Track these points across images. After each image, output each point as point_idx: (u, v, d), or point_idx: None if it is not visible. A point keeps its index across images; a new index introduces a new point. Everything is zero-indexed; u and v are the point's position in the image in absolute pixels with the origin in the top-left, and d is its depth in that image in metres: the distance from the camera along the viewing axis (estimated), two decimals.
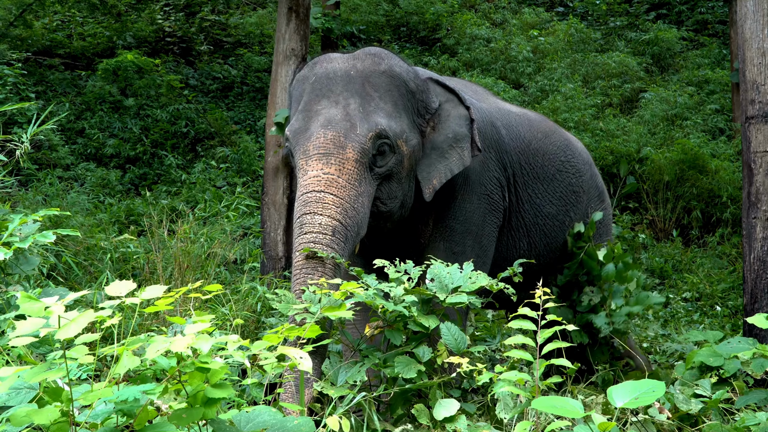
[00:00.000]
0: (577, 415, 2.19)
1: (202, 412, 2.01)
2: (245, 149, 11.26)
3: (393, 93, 3.71)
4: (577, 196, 4.80)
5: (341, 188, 3.40)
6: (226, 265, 7.23)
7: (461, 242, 4.04)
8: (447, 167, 3.87)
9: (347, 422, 2.56)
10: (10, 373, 1.93)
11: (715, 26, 16.98)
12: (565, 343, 2.73)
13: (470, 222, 4.06)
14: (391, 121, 3.62)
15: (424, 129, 3.89)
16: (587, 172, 4.98)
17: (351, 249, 3.45)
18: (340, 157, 3.44)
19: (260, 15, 16.41)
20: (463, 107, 3.96)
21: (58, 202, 8.48)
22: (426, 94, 3.90)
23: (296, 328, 2.49)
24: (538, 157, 4.58)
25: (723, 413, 3.48)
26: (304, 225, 3.34)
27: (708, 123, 12.79)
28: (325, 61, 3.79)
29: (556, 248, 4.69)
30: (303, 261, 3.27)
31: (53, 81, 12.10)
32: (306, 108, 3.64)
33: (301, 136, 3.55)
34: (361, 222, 3.46)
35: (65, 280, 5.73)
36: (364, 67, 3.71)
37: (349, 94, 3.62)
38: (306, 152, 3.49)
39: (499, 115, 4.48)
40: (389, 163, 3.62)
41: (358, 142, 3.48)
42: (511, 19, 17.04)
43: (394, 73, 3.74)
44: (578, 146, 5.07)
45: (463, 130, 3.91)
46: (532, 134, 4.62)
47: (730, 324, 7.49)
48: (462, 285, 3.33)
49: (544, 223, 4.59)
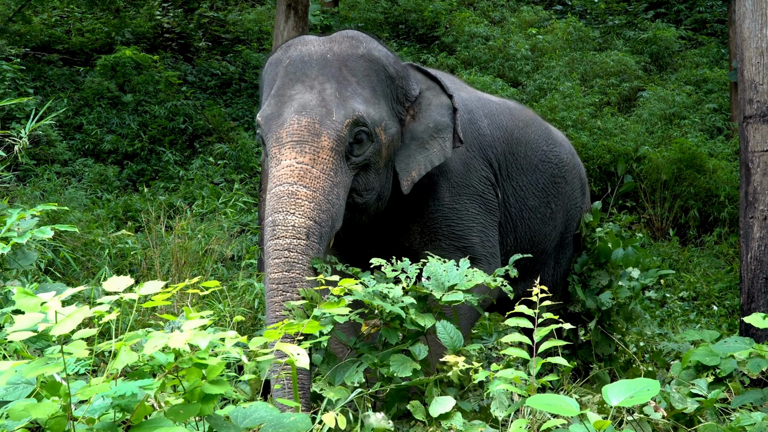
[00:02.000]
0: (572, 413, 2.20)
1: (199, 407, 2.02)
2: (243, 146, 11.26)
3: (371, 78, 3.53)
4: (558, 187, 4.67)
5: (315, 179, 3.23)
6: (223, 262, 7.22)
7: (464, 239, 3.90)
8: (427, 159, 3.69)
9: (343, 418, 2.57)
10: (7, 368, 1.93)
11: (714, 25, 16.99)
12: (562, 342, 2.74)
13: (468, 219, 3.93)
14: (369, 108, 3.44)
15: (403, 117, 3.70)
16: (570, 161, 4.85)
17: (327, 245, 3.30)
18: (314, 146, 3.27)
19: (259, 12, 16.40)
20: (446, 96, 3.80)
21: (56, 197, 8.47)
22: (406, 80, 3.72)
23: (294, 323, 2.48)
24: (520, 147, 4.42)
25: (719, 413, 3.49)
26: (276, 227, 3.17)
27: (706, 122, 12.80)
28: (299, 44, 3.60)
29: (538, 242, 4.58)
30: (278, 275, 3.11)
31: (51, 76, 12.09)
32: (279, 93, 3.45)
33: (274, 123, 3.37)
34: (336, 215, 3.30)
35: (62, 276, 5.73)
36: (341, 50, 3.53)
37: (325, 78, 3.43)
38: (279, 140, 3.32)
39: (480, 104, 4.32)
40: (366, 153, 3.44)
41: (334, 130, 3.30)
42: (509, 17, 17.04)
43: (373, 57, 3.57)
44: (559, 135, 4.95)
45: (445, 120, 3.74)
46: (513, 123, 4.45)
47: (726, 323, 7.50)
48: (458, 283, 3.26)
49: (529, 217, 4.44)
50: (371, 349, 3.19)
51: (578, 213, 4.97)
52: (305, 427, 2.19)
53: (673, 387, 3.69)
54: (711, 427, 3.10)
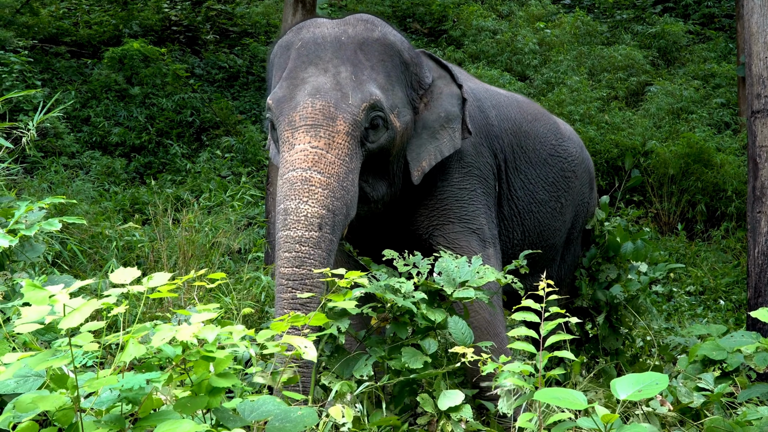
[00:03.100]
0: (580, 406, 2.20)
1: (206, 400, 2.02)
2: (250, 139, 11.26)
3: (387, 63, 3.41)
4: (569, 182, 4.59)
5: (330, 165, 3.11)
6: (230, 255, 7.24)
7: (475, 220, 3.76)
8: (438, 149, 3.59)
9: (350, 412, 2.57)
10: (15, 360, 1.94)
11: (722, 20, 16.93)
12: (568, 336, 2.73)
13: (477, 201, 3.80)
14: (384, 93, 3.33)
15: (417, 105, 3.59)
16: (579, 156, 4.76)
17: (340, 235, 3.18)
18: (329, 130, 3.14)
19: (266, 5, 16.40)
20: (456, 85, 3.71)
21: (64, 189, 8.49)
22: (420, 67, 3.62)
23: (301, 315, 2.47)
24: (529, 140, 4.33)
25: (725, 407, 3.49)
26: (288, 216, 3.05)
27: (714, 117, 12.76)
28: (312, 26, 3.46)
29: (548, 236, 4.50)
30: (288, 270, 3.01)
31: (59, 69, 12.10)
32: (291, 75, 3.31)
33: (286, 105, 3.23)
34: (350, 202, 3.17)
35: (70, 268, 5.75)
36: (356, 33, 3.39)
37: (340, 61, 3.30)
38: (292, 123, 3.18)
39: (488, 95, 4.22)
40: (381, 139, 3.32)
41: (350, 114, 3.18)
42: (517, 11, 17.01)
43: (389, 41, 3.44)
44: (567, 129, 4.85)
45: (455, 110, 3.64)
46: (522, 116, 4.36)
47: (733, 318, 7.50)
48: (470, 279, 3.20)
49: (538, 210, 4.34)
50: (379, 343, 3.16)
51: (586, 208, 4.91)
52: (312, 420, 2.20)
53: (679, 381, 3.69)
54: (717, 421, 3.09)
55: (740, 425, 3.01)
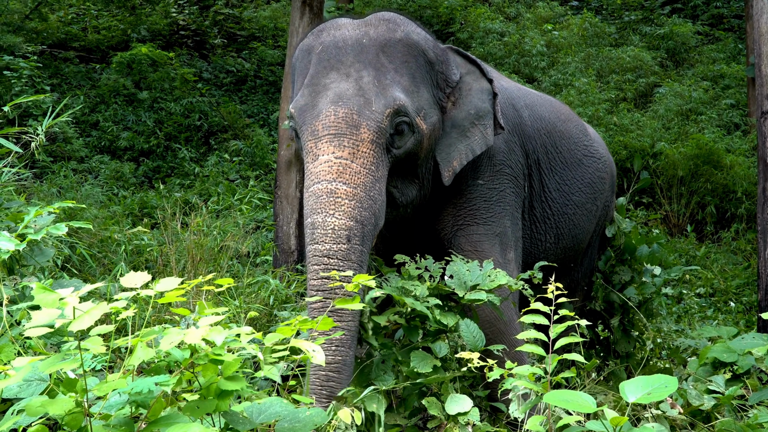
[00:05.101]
0: (589, 409, 2.19)
1: (215, 404, 2.02)
2: (258, 143, 11.28)
3: (411, 64, 3.30)
4: (603, 183, 4.54)
5: (355, 175, 3.02)
6: (238, 258, 7.24)
7: (500, 223, 3.66)
8: (469, 147, 3.48)
9: (359, 414, 2.56)
10: (24, 363, 1.94)
11: (731, 21, 16.88)
12: (578, 338, 2.72)
13: (504, 202, 3.69)
14: (409, 96, 3.23)
15: (444, 104, 3.47)
16: (606, 157, 4.71)
17: (370, 246, 3.10)
18: (353, 139, 3.05)
19: (274, 8, 16.44)
20: (486, 80, 3.58)
21: (73, 194, 8.52)
22: (446, 65, 3.50)
23: (309, 320, 2.47)
24: (564, 141, 4.24)
25: (736, 409, 3.47)
26: (315, 230, 2.98)
27: (723, 118, 12.72)
28: (332, 28, 3.37)
29: (582, 239, 4.42)
30: (317, 282, 2.96)
31: (68, 74, 12.14)
32: (313, 82, 3.22)
33: (308, 114, 3.14)
34: (378, 212, 3.09)
35: (79, 272, 5.76)
36: (377, 35, 3.30)
37: (362, 65, 3.20)
38: (315, 133, 3.09)
39: (520, 94, 4.13)
40: (408, 144, 3.23)
41: (374, 121, 3.09)
42: (524, 13, 17.00)
43: (412, 41, 3.33)
44: (592, 131, 4.79)
45: (486, 106, 3.52)
46: (556, 116, 4.28)
47: (744, 320, 7.47)
48: (481, 283, 3.17)
49: (573, 213, 4.24)
50: (389, 346, 3.14)
51: (607, 212, 4.83)
52: (321, 421, 2.19)
53: (690, 383, 3.67)
54: (728, 423, 3.08)
55: (751, 428, 3.00)
